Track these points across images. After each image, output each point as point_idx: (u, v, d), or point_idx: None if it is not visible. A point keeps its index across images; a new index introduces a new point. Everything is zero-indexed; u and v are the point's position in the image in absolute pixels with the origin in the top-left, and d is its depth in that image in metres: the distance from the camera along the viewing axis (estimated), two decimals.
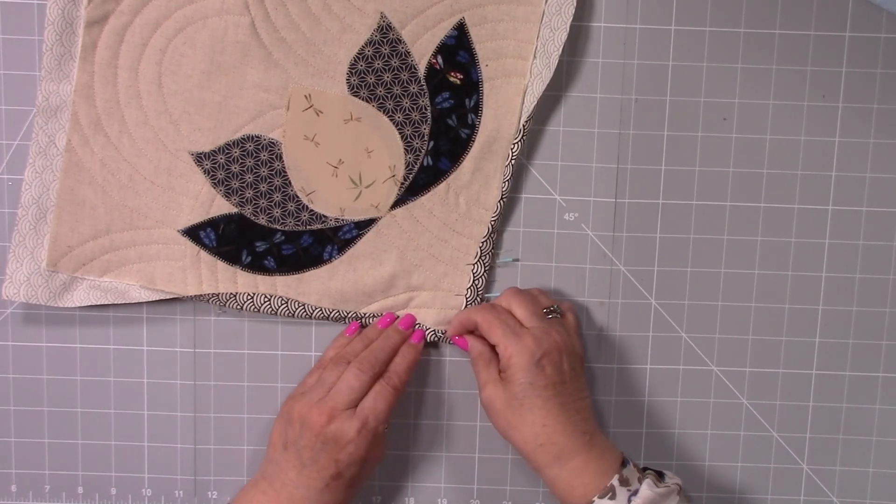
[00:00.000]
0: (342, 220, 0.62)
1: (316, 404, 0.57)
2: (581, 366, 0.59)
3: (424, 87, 0.60)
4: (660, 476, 0.56)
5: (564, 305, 0.61)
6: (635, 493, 0.54)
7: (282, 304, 0.62)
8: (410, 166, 0.61)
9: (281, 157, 0.61)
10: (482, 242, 0.62)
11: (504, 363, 0.57)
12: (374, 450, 0.59)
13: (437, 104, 0.60)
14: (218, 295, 0.62)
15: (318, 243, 0.62)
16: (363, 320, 0.63)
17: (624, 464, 0.56)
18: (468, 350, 0.60)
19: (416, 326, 0.63)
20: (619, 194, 0.63)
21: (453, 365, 0.64)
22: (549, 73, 0.60)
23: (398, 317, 0.63)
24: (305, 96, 0.60)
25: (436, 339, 0.63)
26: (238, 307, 0.62)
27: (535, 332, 0.57)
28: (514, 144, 0.61)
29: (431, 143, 0.61)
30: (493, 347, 0.58)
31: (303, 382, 0.61)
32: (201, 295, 0.62)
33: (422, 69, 0.60)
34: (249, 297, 0.62)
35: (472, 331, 0.60)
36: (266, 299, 0.62)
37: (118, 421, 0.65)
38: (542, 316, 0.59)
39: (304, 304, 0.62)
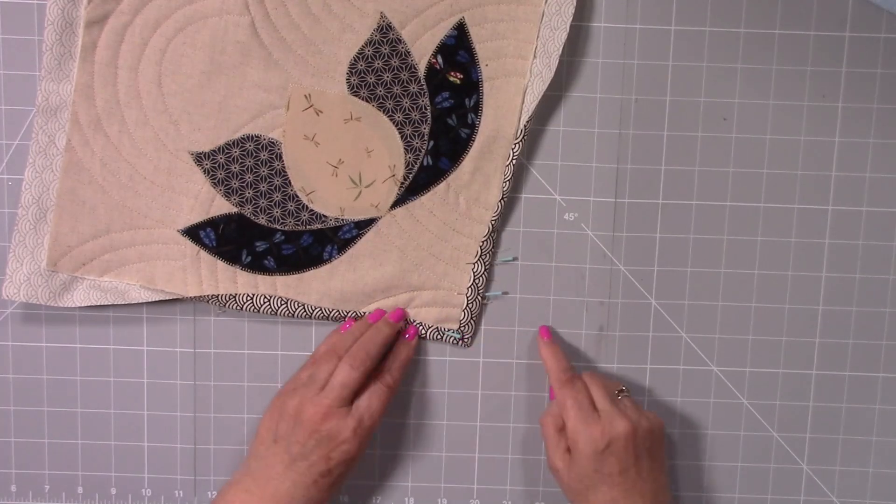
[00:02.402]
0: (342, 219, 0.62)
1: (310, 401, 0.58)
2: (656, 444, 0.59)
3: (424, 86, 0.60)
4: None
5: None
6: None
7: (282, 305, 0.62)
8: (410, 166, 0.61)
9: (281, 157, 0.61)
10: (482, 241, 0.62)
11: (572, 445, 0.58)
12: (363, 448, 0.59)
13: (437, 104, 0.60)
14: (218, 296, 0.62)
15: (318, 243, 0.62)
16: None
17: None
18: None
19: (413, 323, 0.63)
20: (619, 194, 0.63)
21: (453, 365, 0.64)
22: (549, 73, 0.60)
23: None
24: (305, 96, 0.60)
25: (438, 337, 0.63)
26: (238, 308, 0.62)
27: (606, 417, 0.57)
28: (515, 144, 0.61)
29: (431, 143, 0.61)
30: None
31: (295, 377, 0.61)
32: (201, 295, 0.62)
33: (422, 69, 0.60)
34: (249, 298, 0.62)
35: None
36: (266, 299, 0.62)
37: (118, 421, 0.65)
38: (613, 398, 0.59)
39: (304, 304, 0.62)
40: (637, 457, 0.57)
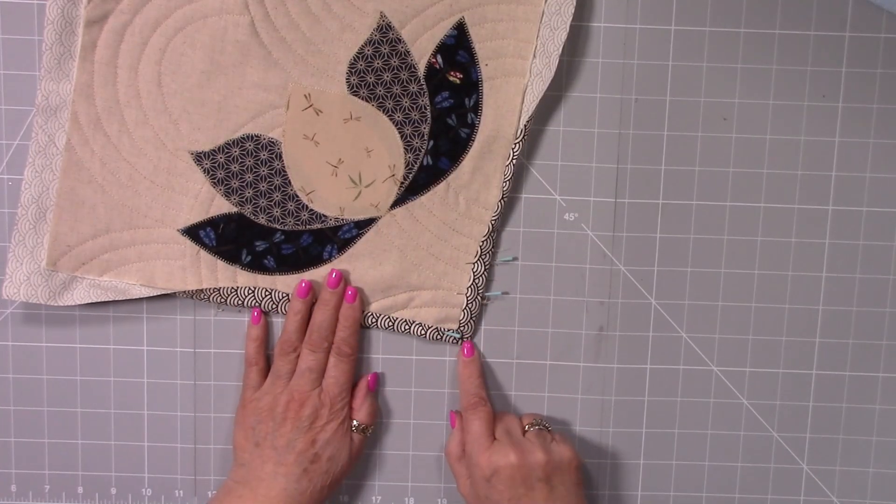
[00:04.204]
0: (342, 219, 0.62)
1: (283, 394, 0.60)
2: (557, 475, 0.58)
3: (424, 86, 0.60)
4: None
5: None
6: None
7: (282, 297, 0.62)
8: (410, 166, 0.61)
9: (280, 157, 0.61)
10: (482, 241, 0.62)
11: (468, 470, 0.60)
12: (351, 443, 0.61)
13: (436, 104, 0.60)
14: (219, 289, 0.62)
15: (317, 243, 0.62)
16: (366, 319, 0.63)
17: None
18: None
19: (351, 284, 0.62)
20: (619, 194, 0.63)
21: (453, 365, 0.64)
22: (549, 73, 0.60)
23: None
24: (305, 96, 0.60)
25: (438, 337, 0.63)
26: (239, 302, 0.62)
27: (496, 447, 0.59)
28: (515, 144, 0.61)
29: (431, 143, 0.61)
30: None
31: (245, 386, 0.62)
32: (202, 289, 0.62)
33: (421, 69, 0.60)
34: (251, 291, 0.62)
35: None
36: (267, 293, 0.62)
37: (118, 421, 0.65)
38: (513, 432, 0.60)
39: None
40: (529, 487, 0.57)
